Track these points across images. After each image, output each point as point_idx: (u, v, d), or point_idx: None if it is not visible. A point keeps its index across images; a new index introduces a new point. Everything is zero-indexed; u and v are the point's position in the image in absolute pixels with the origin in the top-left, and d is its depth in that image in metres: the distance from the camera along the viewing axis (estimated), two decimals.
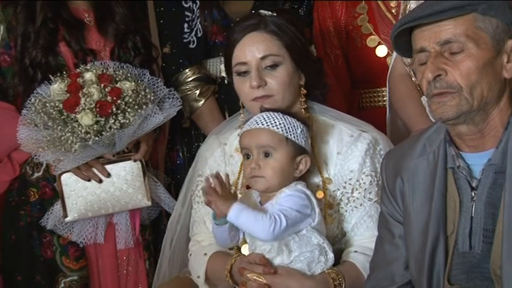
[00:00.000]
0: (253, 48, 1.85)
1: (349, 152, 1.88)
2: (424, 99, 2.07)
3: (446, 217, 1.61)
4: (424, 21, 1.53)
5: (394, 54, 2.25)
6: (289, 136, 1.74)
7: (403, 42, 1.61)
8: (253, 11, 2.01)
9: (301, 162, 1.76)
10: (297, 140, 1.75)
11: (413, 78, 2.21)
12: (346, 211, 1.88)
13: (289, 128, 1.74)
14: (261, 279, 1.71)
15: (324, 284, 1.74)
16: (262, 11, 1.92)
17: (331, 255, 1.77)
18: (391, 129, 2.29)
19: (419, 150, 1.67)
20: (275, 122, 1.74)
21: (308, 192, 1.76)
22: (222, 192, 1.72)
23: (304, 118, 1.83)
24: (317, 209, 1.76)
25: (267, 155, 1.74)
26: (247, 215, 1.69)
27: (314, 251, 1.75)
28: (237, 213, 1.68)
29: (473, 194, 1.57)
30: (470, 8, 1.50)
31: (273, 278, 1.71)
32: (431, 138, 1.67)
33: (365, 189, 1.87)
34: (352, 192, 1.88)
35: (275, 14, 1.91)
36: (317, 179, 1.88)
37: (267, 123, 1.75)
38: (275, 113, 1.77)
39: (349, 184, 1.88)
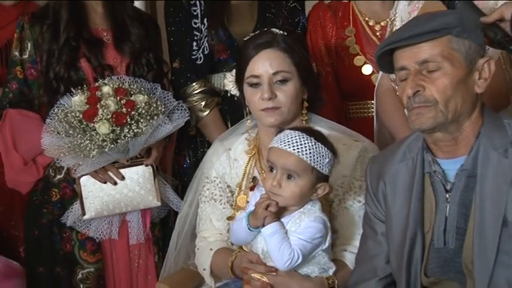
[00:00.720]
0: (266, 64, 1.84)
1: (342, 159, 1.83)
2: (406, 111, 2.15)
3: (424, 216, 1.62)
4: (405, 43, 1.54)
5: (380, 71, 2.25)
6: (315, 166, 1.67)
7: (386, 61, 1.62)
8: (265, 29, 1.98)
9: (320, 188, 1.70)
10: (322, 169, 1.68)
11: (397, 92, 2.14)
12: (337, 211, 1.87)
13: (317, 157, 1.67)
14: (264, 279, 1.71)
15: (321, 284, 1.74)
16: (274, 29, 1.91)
17: (331, 272, 1.76)
18: (378, 138, 2.29)
19: (400, 157, 1.68)
20: (305, 149, 1.66)
21: (326, 218, 1.72)
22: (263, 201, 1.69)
23: (333, 145, 1.74)
24: (329, 235, 1.73)
25: (289, 177, 1.68)
26: (277, 238, 1.66)
27: (317, 271, 1.75)
28: (271, 232, 1.66)
29: (447, 196, 1.59)
30: (446, 31, 1.52)
31: (275, 278, 1.71)
32: (411, 146, 1.67)
33: (355, 192, 1.87)
34: (343, 195, 1.87)
35: (286, 33, 1.89)
36: None
37: (297, 148, 1.66)
38: (308, 139, 1.68)
39: (341, 187, 1.87)
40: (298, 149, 1.66)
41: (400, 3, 2.18)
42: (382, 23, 2.41)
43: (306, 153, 1.66)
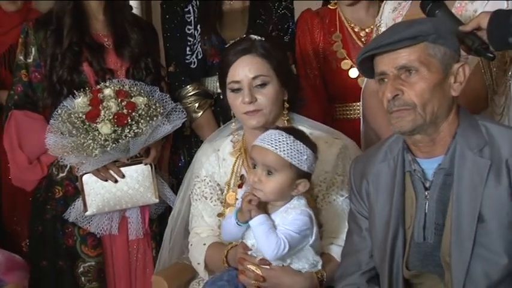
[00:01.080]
0: (245, 69, 1.85)
1: (324, 156, 1.84)
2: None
3: (405, 213, 1.62)
4: (384, 50, 1.55)
5: None
6: (293, 162, 1.67)
7: (367, 66, 1.63)
8: (244, 36, 2.00)
9: (300, 184, 1.70)
10: (301, 166, 1.67)
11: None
12: (322, 206, 1.87)
13: (295, 154, 1.67)
14: (258, 271, 1.72)
15: (311, 278, 1.74)
16: (252, 36, 1.91)
17: (319, 267, 1.76)
18: (364, 138, 2.29)
19: (382, 157, 1.68)
20: (283, 146, 1.67)
21: (311, 212, 1.72)
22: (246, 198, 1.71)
23: (313, 143, 1.74)
24: (315, 228, 1.72)
25: (269, 173, 1.68)
26: (264, 229, 1.66)
27: (307, 267, 1.75)
28: (258, 223, 1.66)
29: (426, 194, 1.59)
30: (422, 38, 1.52)
31: (268, 271, 1.72)
32: (391, 146, 1.68)
33: (338, 187, 1.87)
34: (326, 190, 1.88)
35: (263, 39, 1.89)
36: None
37: (276, 146, 1.67)
38: (286, 136, 1.68)
39: (324, 183, 1.88)
40: (276, 146, 1.67)
41: (385, 11, 2.19)
42: (366, 29, 2.42)
43: (284, 150, 1.67)
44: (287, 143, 1.68)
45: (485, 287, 1.52)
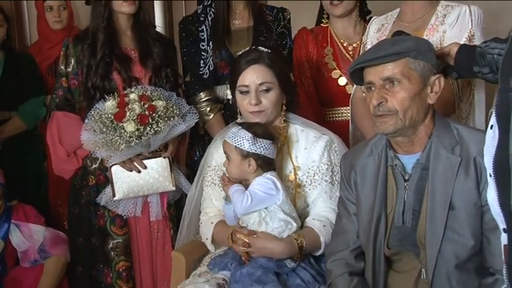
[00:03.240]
0: (254, 76, 1.84)
1: (312, 147, 1.87)
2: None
3: (387, 201, 1.62)
4: (372, 63, 1.55)
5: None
6: (236, 145, 1.76)
7: (357, 76, 1.62)
8: (253, 47, 1.98)
9: (250, 163, 1.76)
10: (243, 147, 1.75)
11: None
12: (309, 190, 1.87)
13: (237, 139, 1.76)
14: (245, 239, 1.73)
15: (291, 243, 1.73)
16: (260, 48, 1.91)
17: (294, 225, 1.76)
18: (353, 137, 2.27)
19: (368, 152, 1.68)
20: (230, 135, 1.78)
21: (274, 178, 1.76)
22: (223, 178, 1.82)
23: (268, 130, 1.82)
24: (281, 192, 1.74)
25: (228, 158, 1.81)
26: (236, 192, 1.74)
27: (282, 225, 1.74)
28: (233, 190, 1.75)
29: (405, 185, 1.59)
30: (405, 54, 1.51)
31: (254, 239, 1.73)
32: (376, 144, 1.67)
33: (323, 173, 1.86)
34: (313, 176, 1.87)
35: (269, 51, 1.89)
36: (290, 167, 1.88)
37: (227, 136, 1.79)
38: (236, 127, 1.79)
39: (312, 170, 1.87)
40: (227, 136, 1.80)
41: (370, 31, 2.17)
42: (354, 44, 2.39)
43: (230, 137, 1.78)
44: (233, 132, 1.78)
45: (454, 264, 1.52)
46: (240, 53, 1.96)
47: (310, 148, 1.88)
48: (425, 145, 1.56)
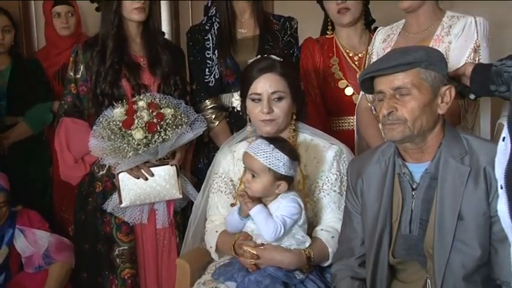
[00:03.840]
0: (267, 85, 1.84)
1: (321, 157, 1.87)
2: (381, 126, 2.10)
3: (392, 209, 1.61)
4: (383, 73, 1.55)
5: (360, 93, 2.25)
6: (271, 167, 1.68)
7: (367, 85, 1.63)
8: (265, 55, 1.98)
9: (280, 185, 1.71)
10: (278, 170, 1.68)
11: (373, 111, 2.20)
12: (317, 199, 1.87)
13: (272, 160, 1.68)
14: (253, 251, 1.72)
15: (299, 254, 1.73)
16: (272, 56, 1.90)
17: (307, 244, 1.75)
18: (358, 146, 2.28)
19: (375, 160, 1.68)
20: (263, 154, 1.69)
21: (299, 201, 1.73)
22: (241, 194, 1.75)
23: (295, 150, 1.77)
24: (303, 212, 1.73)
25: (253, 176, 1.72)
26: (262, 215, 1.69)
27: (293, 244, 1.74)
28: (258, 211, 1.69)
29: (413, 193, 1.58)
30: (416, 64, 1.52)
31: (262, 251, 1.72)
32: (384, 151, 1.67)
33: (331, 183, 1.86)
34: (322, 186, 1.87)
35: (282, 60, 1.89)
36: (298, 176, 1.86)
37: (257, 153, 1.70)
38: (267, 145, 1.71)
39: (321, 180, 1.87)
40: (258, 153, 1.70)
41: (376, 41, 2.18)
42: (359, 54, 2.39)
43: (263, 157, 1.69)
44: (266, 151, 1.70)
45: (461, 276, 1.51)
46: (252, 60, 1.95)
47: (319, 158, 1.88)
48: (434, 154, 1.56)
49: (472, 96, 1.67)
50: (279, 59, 1.89)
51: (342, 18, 2.34)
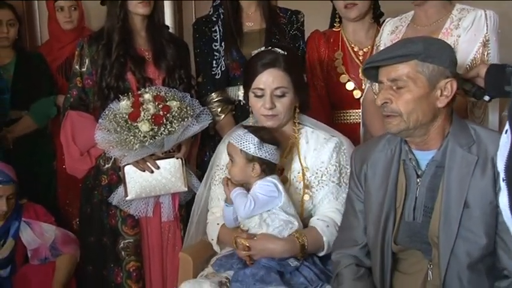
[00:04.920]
0: (270, 80, 1.84)
1: (321, 149, 1.88)
2: None
3: (396, 195, 1.61)
4: (381, 64, 1.57)
5: (366, 86, 2.25)
6: (242, 148, 1.77)
7: (372, 73, 1.63)
8: (269, 48, 1.92)
9: (254, 167, 1.78)
10: (248, 151, 1.76)
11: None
12: (316, 190, 1.87)
13: (243, 142, 1.77)
14: (245, 243, 1.74)
15: (292, 242, 1.74)
16: (276, 49, 1.88)
17: (295, 224, 1.77)
18: (364, 137, 2.28)
19: (381, 147, 1.68)
20: (235, 137, 1.79)
21: (276, 181, 1.77)
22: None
23: (273, 136, 1.83)
24: (283, 194, 1.76)
25: (231, 160, 1.82)
26: (238, 196, 1.76)
27: (282, 224, 1.76)
28: (235, 194, 1.77)
29: (418, 181, 1.59)
30: (412, 57, 1.51)
31: (254, 241, 1.75)
32: (390, 139, 1.67)
33: (330, 174, 1.87)
34: (321, 177, 1.88)
35: (286, 53, 1.87)
36: (299, 168, 1.89)
37: (232, 138, 1.81)
38: (242, 130, 1.81)
39: (320, 171, 1.88)
40: (232, 137, 1.81)
41: (384, 32, 2.18)
42: (364, 49, 2.39)
43: (235, 140, 1.78)
44: (239, 134, 1.79)
45: (466, 264, 1.52)
46: (255, 52, 1.95)
47: (319, 149, 1.89)
48: (441, 143, 1.56)
49: (486, 98, 1.66)
50: (283, 52, 1.87)
51: (349, 13, 2.34)
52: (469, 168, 1.51)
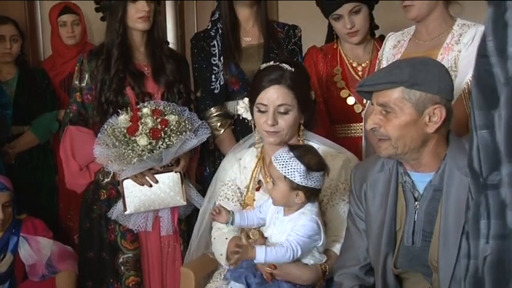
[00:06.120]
0: (274, 97, 1.82)
1: (330, 167, 1.83)
2: None
3: (396, 217, 1.59)
4: (370, 89, 1.55)
5: (366, 100, 2.23)
6: (286, 175, 1.64)
7: (367, 93, 1.60)
8: (277, 63, 1.89)
9: (298, 195, 1.67)
10: (293, 179, 1.63)
11: None
12: (326, 209, 1.85)
13: (289, 169, 1.63)
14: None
15: (316, 270, 1.72)
16: (283, 65, 1.85)
17: (324, 260, 1.74)
18: (366, 151, 2.27)
19: (379, 167, 1.65)
20: (281, 162, 1.65)
21: (319, 221, 1.69)
22: (243, 246, 1.62)
23: (321, 161, 1.70)
24: (323, 234, 1.69)
25: (273, 183, 1.69)
26: (270, 253, 1.61)
27: (312, 260, 1.73)
28: (263, 256, 1.61)
29: (416, 204, 1.56)
30: (399, 84, 1.49)
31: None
32: (387, 159, 1.63)
33: (340, 192, 1.86)
34: (331, 195, 1.86)
35: (293, 70, 1.84)
36: None
37: (276, 160, 1.66)
38: (287, 153, 1.66)
39: (329, 189, 1.86)
40: (276, 160, 1.67)
41: (386, 47, 2.17)
42: (363, 64, 2.40)
43: (280, 164, 1.65)
44: (284, 158, 1.66)
45: None
46: (264, 66, 1.93)
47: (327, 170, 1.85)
48: (439, 166, 1.54)
49: None
50: (290, 68, 1.85)
51: (352, 39, 2.35)
52: (467, 192, 1.47)
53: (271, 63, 1.92)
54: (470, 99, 1.00)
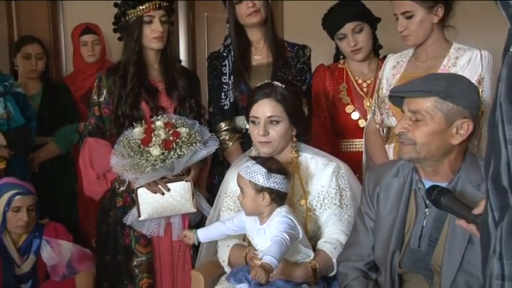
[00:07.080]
0: (264, 109, 1.91)
1: (321, 174, 1.93)
2: (387, 146, 2.17)
3: (405, 221, 1.63)
4: (404, 95, 1.59)
5: (369, 116, 2.31)
6: (250, 179, 1.75)
7: (397, 99, 1.64)
8: (269, 81, 2.00)
9: (264, 197, 1.76)
10: (257, 181, 1.74)
11: (381, 132, 2.26)
12: (319, 213, 1.92)
13: (251, 174, 1.75)
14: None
15: (305, 268, 1.79)
16: (274, 82, 1.95)
17: (311, 256, 1.81)
18: (366, 165, 2.31)
19: (394, 172, 1.69)
20: (246, 169, 1.76)
21: (291, 217, 1.75)
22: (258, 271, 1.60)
23: (281, 166, 1.80)
24: (300, 228, 1.75)
25: (242, 192, 1.80)
26: (276, 254, 1.61)
27: (299, 256, 1.80)
28: (275, 261, 1.60)
29: (426, 211, 1.59)
30: (433, 93, 1.52)
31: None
32: (403, 166, 1.68)
33: (332, 197, 1.91)
34: (323, 200, 1.92)
35: (283, 86, 1.93)
36: (301, 192, 1.93)
37: (242, 170, 1.78)
38: (250, 162, 1.79)
39: (321, 194, 1.92)
40: (242, 169, 1.79)
41: (386, 67, 2.24)
42: (368, 81, 2.46)
43: (244, 171, 1.77)
44: (248, 166, 1.78)
45: None
46: (258, 85, 2.03)
47: (319, 174, 1.94)
48: (452, 178, 1.56)
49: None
50: (281, 85, 1.93)
51: (356, 56, 2.43)
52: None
53: (264, 82, 2.02)
54: (500, 114, 0.94)
